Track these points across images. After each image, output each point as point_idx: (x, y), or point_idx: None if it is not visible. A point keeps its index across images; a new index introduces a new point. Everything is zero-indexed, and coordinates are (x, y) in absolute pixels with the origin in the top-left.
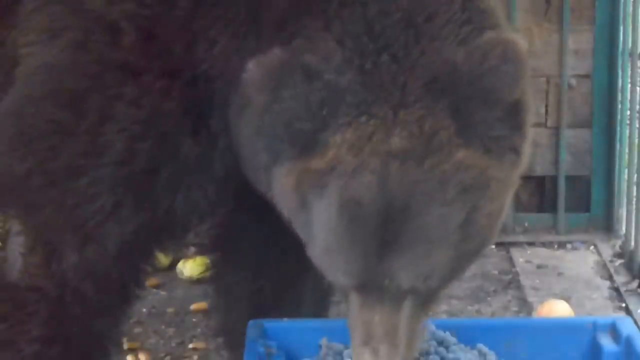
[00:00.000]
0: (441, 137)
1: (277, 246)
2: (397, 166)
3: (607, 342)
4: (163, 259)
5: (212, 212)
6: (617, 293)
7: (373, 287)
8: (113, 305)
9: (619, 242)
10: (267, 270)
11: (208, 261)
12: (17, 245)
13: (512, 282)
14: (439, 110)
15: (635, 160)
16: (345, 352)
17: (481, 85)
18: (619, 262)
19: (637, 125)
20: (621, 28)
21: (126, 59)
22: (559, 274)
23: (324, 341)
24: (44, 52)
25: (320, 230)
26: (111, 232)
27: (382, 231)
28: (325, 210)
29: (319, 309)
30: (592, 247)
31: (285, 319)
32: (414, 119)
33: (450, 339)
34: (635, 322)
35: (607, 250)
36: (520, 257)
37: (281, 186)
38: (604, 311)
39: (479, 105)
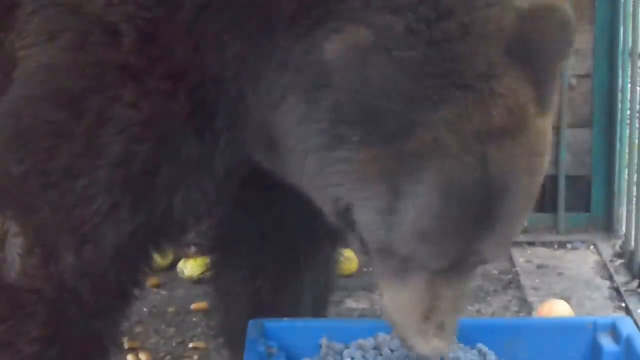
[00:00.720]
0: (530, 108)
1: (275, 247)
2: (496, 144)
3: (607, 342)
4: (162, 260)
5: (210, 212)
6: (617, 293)
7: (455, 264)
8: (111, 306)
9: (619, 242)
10: (265, 270)
11: (208, 261)
12: (15, 246)
13: (512, 281)
14: (523, 80)
15: (636, 160)
16: (345, 351)
17: (546, 52)
18: (619, 262)
19: (637, 125)
20: (621, 28)
21: (126, 61)
22: (559, 273)
23: (324, 341)
24: (42, 54)
25: (415, 215)
26: (108, 233)
27: (481, 210)
28: (423, 195)
29: (318, 309)
30: (592, 247)
31: (286, 319)
32: (507, 91)
33: None
34: (635, 322)
35: (607, 250)
36: (520, 256)
37: (351, 172)
38: (604, 311)
39: (546, 72)
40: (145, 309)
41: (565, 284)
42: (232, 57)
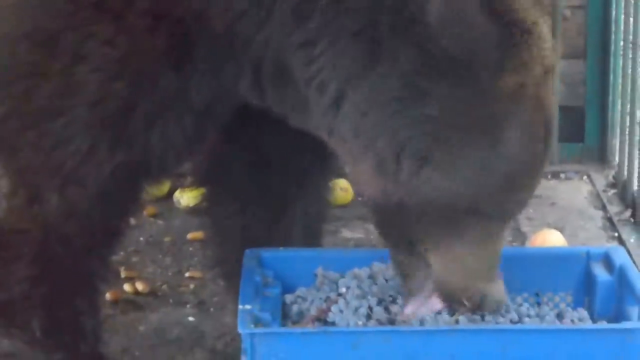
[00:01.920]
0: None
1: (264, 180)
2: (547, 83)
3: (600, 272)
4: (158, 190)
5: (189, 149)
6: (610, 223)
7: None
8: (97, 244)
9: (612, 172)
10: (255, 203)
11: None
12: (1, 187)
13: None
14: (547, 23)
15: (629, 91)
16: (341, 281)
17: None
18: (612, 192)
19: (631, 56)
20: None
21: None
22: (553, 203)
23: (319, 270)
24: None
25: (506, 164)
26: (89, 173)
27: (545, 150)
28: (514, 140)
29: (311, 239)
30: (585, 177)
31: (282, 249)
32: (546, 35)
33: None
34: (628, 252)
35: (600, 180)
36: None
37: (439, 127)
38: (597, 241)
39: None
40: (142, 239)
41: (558, 214)
42: None
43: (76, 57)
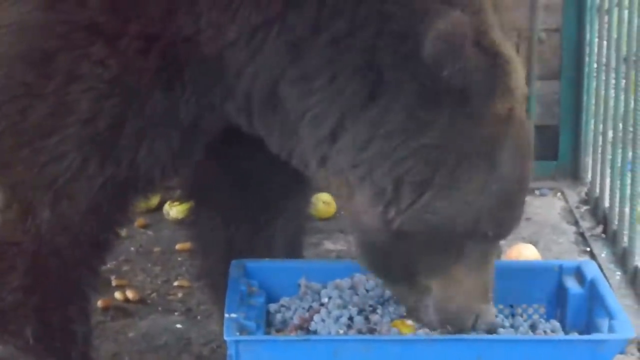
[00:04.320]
0: None
1: (246, 196)
2: (523, 104)
3: (572, 284)
4: (149, 202)
5: (174, 165)
6: (582, 238)
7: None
8: (87, 256)
9: (584, 189)
10: (238, 217)
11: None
12: None
13: None
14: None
15: (602, 111)
16: (323, 291)
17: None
18: (584, 208)
19: (604, 78)
20: None
21: (94, 20)
22: (527, 219)
23: (302, 280)
24: (12, 12)
25: (502, 184)
26: (80, 188)
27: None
28: (507, 161)
29: (292, 252)
30: (559, 194)
31: (266, 260)
32: (518, 60)
33: None
34: (599, 266)
35: (573, 197)
36: None
37: (440, 156)
38: (570, 255)
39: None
40: (132, 249)
41: (533, 228)
42: (206, 23)
43: (70, 77)
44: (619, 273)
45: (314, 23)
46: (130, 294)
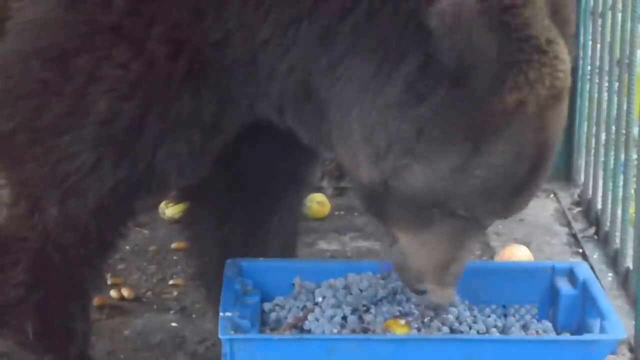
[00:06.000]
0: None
1: (240, 196)
2: (554, 106)
3: (564, 286)
4: None
5: (192, 165)
6: (574, 239)
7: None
8: (93, 255)
9: (577, 191)
10: (232, 218)
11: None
12: (2, 197)
13: None
14: (563, 44)
15: (595, 114)
16: (317, 291)
17: (567, 11)
18: (577, 209)
19: (597, 81)
20: None
21: (118, 22)
22: (520, 220)
23: (297, 280)
24: (34, 8)
25: (487, 173)
26: (91, 188)
27: (535, 169)
28: (499, 153)
29: (286, 252)
30: (552, 196)
31: (261, 259)
32: (564, 55)
33: None
34: (591, 267)
35: (566, 199)
36: None
37: (430, 128)
38: (562, 256)
39: (570, 32)
40: (128, 247)
41: (525, 230)
42: (236, 25)
43: (90, 78)
44: (610, 274)
45: (340, 11)
46: (125, 292)
